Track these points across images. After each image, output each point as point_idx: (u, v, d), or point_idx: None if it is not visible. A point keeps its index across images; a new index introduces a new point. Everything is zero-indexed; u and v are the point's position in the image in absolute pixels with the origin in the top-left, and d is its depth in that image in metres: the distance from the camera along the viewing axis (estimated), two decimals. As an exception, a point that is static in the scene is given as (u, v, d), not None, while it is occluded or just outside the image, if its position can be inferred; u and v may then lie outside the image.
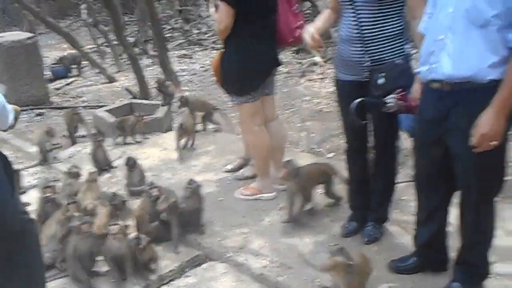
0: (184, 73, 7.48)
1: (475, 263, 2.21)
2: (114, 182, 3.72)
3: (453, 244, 2.35)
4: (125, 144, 4.48)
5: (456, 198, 2.23)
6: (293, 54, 7.58)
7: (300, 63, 7.13)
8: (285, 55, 7.23)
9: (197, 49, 9.03)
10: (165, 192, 2.87)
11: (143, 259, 2.57)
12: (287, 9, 3.04)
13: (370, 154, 2.68)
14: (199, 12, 11.06)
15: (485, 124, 1.87)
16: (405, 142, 2.98)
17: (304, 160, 3.87)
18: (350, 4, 2.40)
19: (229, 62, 2.98)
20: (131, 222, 2.78)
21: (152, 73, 7.30)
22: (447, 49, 1.95)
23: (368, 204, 2.73)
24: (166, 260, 2.74)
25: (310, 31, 2.47)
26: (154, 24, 6.44)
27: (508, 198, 3.17)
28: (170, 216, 2.78)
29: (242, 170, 3.58)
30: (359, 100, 2.37)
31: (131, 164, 3.47)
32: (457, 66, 1.92)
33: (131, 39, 9.15)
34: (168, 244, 2.84)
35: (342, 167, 2.93)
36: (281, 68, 7.18)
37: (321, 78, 6.50)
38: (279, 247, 2.75)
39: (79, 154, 4.35)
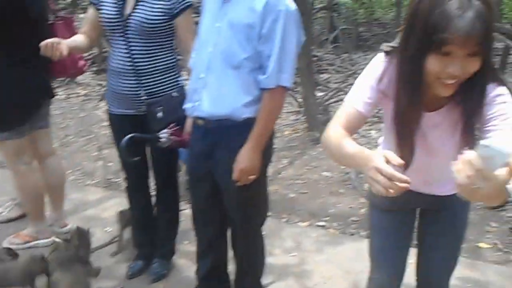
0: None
1: None
2: None
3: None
4: None
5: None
6: (93, 75, 7.20)
7: (100, 84, 6.79)
8: (84, 76, 6.81)
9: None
10: None
11: None
12: (68, 38, 2.80)
13: (151, 189, 2.62)
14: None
15: (243, 159, 1.94)
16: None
17: (95, 195, 3.66)
18: (122, 35, 2.30)
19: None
20: None
21: None
22: (207, 88, 1.99)
23: (153, 241, 2.65)
24: None
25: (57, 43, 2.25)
26: None
27: (285, 217, 3.43)
28: None
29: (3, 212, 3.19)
30: (129, 136, 2.28)
31: None
32: (215, 105, 1.97)
33: None
34: None
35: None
36: (78, 91, 6.81)
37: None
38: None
39: None
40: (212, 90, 1.97)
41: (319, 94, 6.25)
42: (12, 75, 2.55)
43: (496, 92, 1.30)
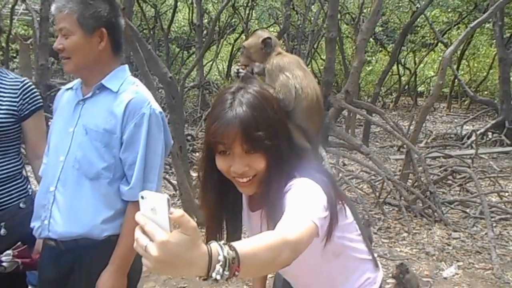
0: None
1: None
2: None
3: None
4: None
5: None
6: None
7: None
8: None
9: None
10: None
11: None
12: None
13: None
14: None
15: (105, 285, 1.63)
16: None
17: None
18: None
19: None
20: None
21: None
22: (58, 203, 1.67)
23: None
24: None
25: None
26: None
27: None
28: None
29: None
30: None
31: None
32: (68, 223, 1.65)
33: None
34: None
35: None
36: None
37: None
38: None
39: None
40: (64, 205, 1.66)
41: (195, 174, 6.07)
42: None
43: (290, 185, 1.23)
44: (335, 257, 1.38)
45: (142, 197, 0.88)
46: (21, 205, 1.99)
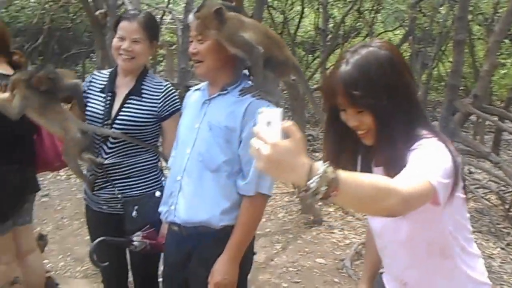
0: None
1: None
2: None
3: None
4: None
5: None
6: (95, 155, 7.04)
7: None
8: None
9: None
10: None
11: None
12: None
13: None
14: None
15: (219, 272, 1.70)
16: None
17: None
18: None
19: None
20: None
21: None
22: (183, 192, 1.78)
23: None
24: None
25: None
26: None
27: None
28: None
29: None
30: (99, 240, 2.03)
31: None
32: (191, 210, 1.75)
33: None
34: None
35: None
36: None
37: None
38: None
39: None
40: (189, 194, 1.77)
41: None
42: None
43: (418, 144, 1.20)
44: (441, 257, 1.27)
45: (260, 112, 0.97)
46: (156, 194, 2.15)
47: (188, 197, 1.76)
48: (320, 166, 0.95)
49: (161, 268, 2.33)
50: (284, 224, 4.70)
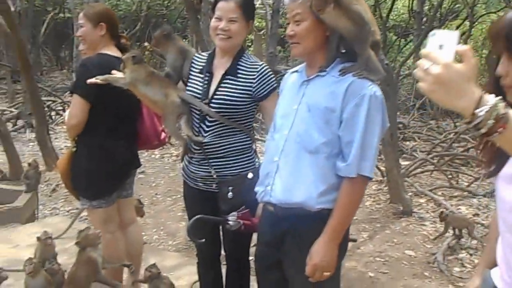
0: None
1: None
2: None
3: None
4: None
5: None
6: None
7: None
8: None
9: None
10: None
11: None
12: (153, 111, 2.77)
13: (222, 265, 2.39)
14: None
15: (318, 254, 1.66)
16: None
17: (171, 261, 3.50)
18: (201, 112, 2.19)
19: (79, 163, 2.58)
20: None
21: (34, 148, 6.55)
22: (280, 172, 1.76)
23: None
24: None
25: None
26: (33, 94, 5.75)
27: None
28: None
29: None
30: (196, 218, 2.08)
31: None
32: (287, 192, 1.73)
33: (15, 111, 8.43)
34: None
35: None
36: (172, 151, 6.92)
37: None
38: None
39: None
40: (285, 175, 1.74)
41: (404, 163, 5.80)
42: (105, 148, 2.52)
43: None
44: None
45: (433, 34, 0.92)
46: (249, 175, 2.16)
47: (285, 178, 1.74)
48: (491, 98, 0.87)
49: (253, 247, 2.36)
50: (371, 213, 4.57)
